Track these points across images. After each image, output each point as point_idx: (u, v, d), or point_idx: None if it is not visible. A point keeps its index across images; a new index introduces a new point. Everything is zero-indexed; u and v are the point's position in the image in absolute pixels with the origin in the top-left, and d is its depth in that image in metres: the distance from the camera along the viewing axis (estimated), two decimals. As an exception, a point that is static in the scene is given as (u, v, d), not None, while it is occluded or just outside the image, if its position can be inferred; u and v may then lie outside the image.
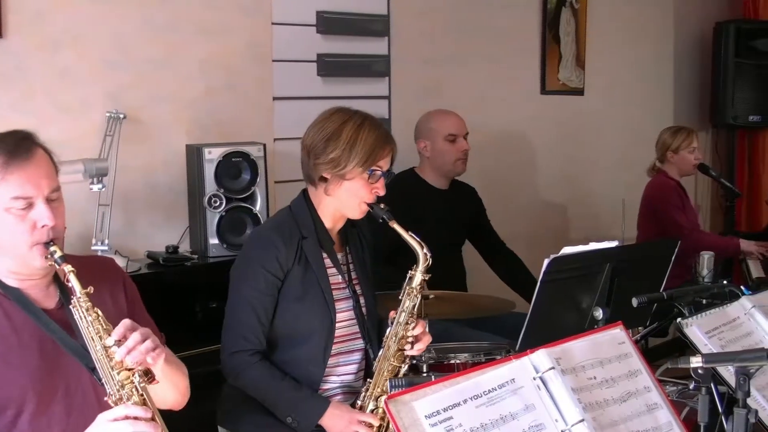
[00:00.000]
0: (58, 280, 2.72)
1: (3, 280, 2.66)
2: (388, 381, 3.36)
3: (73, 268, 2.56)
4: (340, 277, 3.51)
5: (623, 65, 7.56)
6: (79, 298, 2.54)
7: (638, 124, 7.55)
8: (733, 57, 7.90)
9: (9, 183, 2.55)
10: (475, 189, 5.42)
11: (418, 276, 3.42)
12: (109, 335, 2.51)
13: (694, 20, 8.23)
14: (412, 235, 3.41)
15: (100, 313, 2.55)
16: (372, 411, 3.37)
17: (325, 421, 3.32)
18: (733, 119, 8.00)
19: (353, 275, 3.58)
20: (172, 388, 2.78)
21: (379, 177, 3.42)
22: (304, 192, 3.55)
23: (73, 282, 2.55)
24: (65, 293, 2.68)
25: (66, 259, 2.57)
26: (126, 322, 2.55)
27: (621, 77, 7.53)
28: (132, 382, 2.52)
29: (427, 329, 3.67)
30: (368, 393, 3.40)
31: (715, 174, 7.08)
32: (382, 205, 3.45)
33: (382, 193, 3.45)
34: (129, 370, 2.52)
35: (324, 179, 3.43)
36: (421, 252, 3.41)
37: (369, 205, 3.43)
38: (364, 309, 3.56)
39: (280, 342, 3.44)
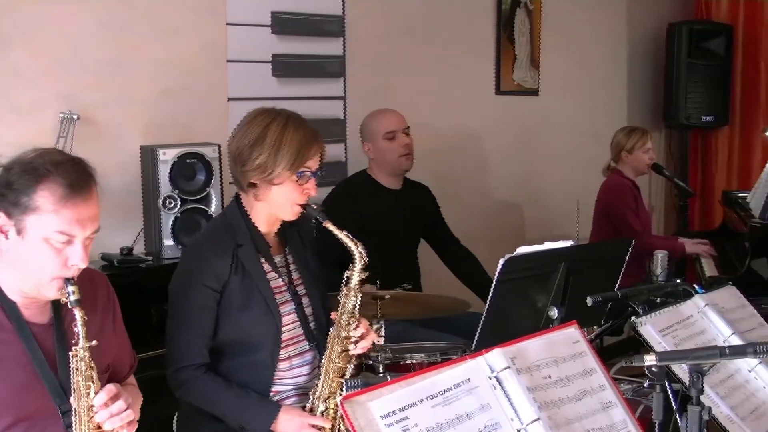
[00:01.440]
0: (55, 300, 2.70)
1: (4, 290, 2.64)
2: (336, 381, 3.34)
3: (84, 315, 2.56)
4: (280, 280, 3.47)
5: (577, 66, 7.59)
6: (81, 348, 2.56)
7: (592, 125, 7.59)
8: (685, 58, 7.96)
9: (60, 217, 2.53)
10: (429, 187, 5.41)
11: (355, 276, 3.38)
12: (97, 393, 2.55)
13: (647, 21, 8.29)
14: (347, 234, 3.38)
15: (95, 368, 2.57)
16: (322, 412, 3.34)
17: (277, 426, 3.30)
18: (686, 119, 8.06)
19: (294, 276, 3.54)
20: None
21: (309, 177, 3.37)
22: (237, 197, 3.50)
23: (80, 331, 2.55)
24: (58, 314, 2.68)
25: (80, 303, 2.57)
26: (112, 388, 2.58)
27: (575, 78, 7.57)
28: None
29: (381, 330, 3.68)
30: (317, 395, 3.37)
31: (669, 174, 7.13)
32: (314, 206, 3.41)
33: (313, 193, 3.41)
34: (100, 429, 2.55)
35: (253, 185, 3.37)
36: (357, 251, 3.37)
37: (302, 206, 3.39)
38: (308, 309, 3.52)
39: (227, 350, 3.41)
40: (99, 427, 2.56)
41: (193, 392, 3.35)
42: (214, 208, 4.63)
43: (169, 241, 4.54)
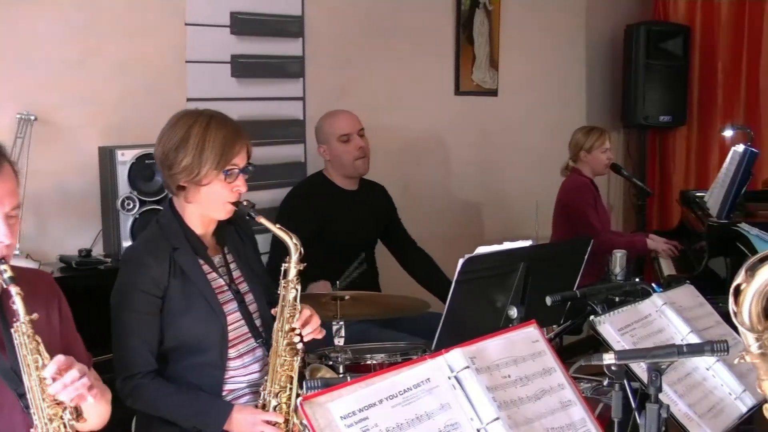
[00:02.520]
0: None
1: None
2: (285, 375, 3.33)
3: (20, 291, 2.51)
4: (221, 280, 3.46)
5: (536, 66, 7.62)
6: (23, 323, 2.50)
7: (551, 125, 7.61)
8: (643, 58, 8.01)
9: None
10: (385, 187, 5.42)
11: (292, 267, 3.36)
12: (46, 366, 2.48)
13: (606, 22, 8.33)
14: (280, 227, 3.36)
15: (40, 341, 2.52)
16: (275, 408, 3.33)
17: (230, 425, 3.29)
18: (644, 119, 8.11)
19: (235, 275, 3.53)
20: (95, 419, 2.76)
21: (237, 175, 3.36)
22: (170, 202, 3.49)
23: (19, 305, 2.51)
24: (2, 309, 2.64)
25: (15, 280, 2.53)
26: (62, 358, 2.52)
27: (534, 78, 7.59)
28: (61, 418, 2.50)
29: (341, 330, 3.68)
30: (267, 390, 3.35)
31: (627, 173, 7.18)
32: (245, 202, 3.39)
33: (243, 190, 3.39)
34: (59, 404, 2.49)
35: (182, 188, 3.37)
36: (291, 242, 3.35)
37: (233, 203, 3.39)
38: (252, 306, 3.51)
39: (175, 354, 3.40)
40: (57, 402, 2.52)
41: (142, 400, 3.34)
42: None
43: (127, 243, 4.51)
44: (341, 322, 3.91)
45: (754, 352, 2.04)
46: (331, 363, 3.81)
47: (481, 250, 3.55)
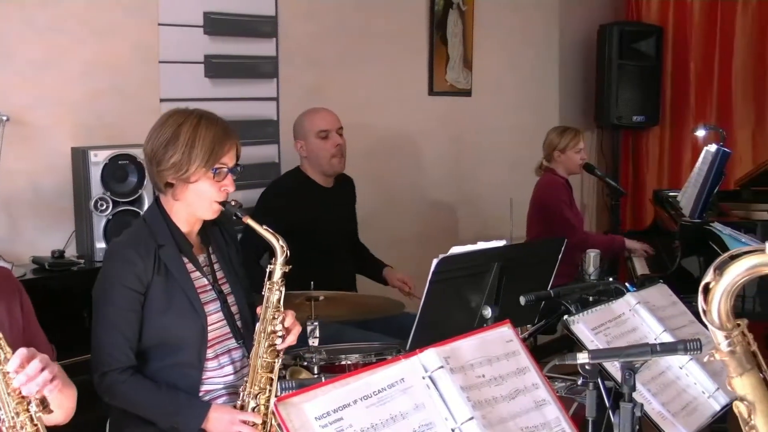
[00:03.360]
0: None
1: None
2: (265, 377, 3.32)
3: None
4: (204, 279, 3.46)
5: (510, 67, 7.64)
6: None
7: (525, 125, 7.64)
8: (616, 59, 8.06)
9: None
10: (353, 179, 5.43)
11: (277, 269, 3.36)
12: (8, 360, 2.46)
13: (579, 23, 8.37)
14: (267, 228, 3.36)
15: (1, 336, 2.49)
16: (253, 409, 3.32)
17: (208, 425, 3.28)
18: (617, 119, 8.15)
19: (219, 275, 3.54)
20: (61, 412, 2.74)
21: (226, 174, 3.37)
22: (156, 199, 3.50)
23: None
24: None
25: None
26: (24, 351, 2.50)
27: (508, 78, 7.61)
28: (27, 410, 2.48)
29: (315, 331, 3.67)
30: (246, 392, 3.34)
31: (601, 173, 7.20)
32: (233, 202, 3.40)
33: (231, 189, 3.41)
34: (24, 398, 2.47)
35: (170, 185, 3.38)
36: (278, 244, 3.35)
37: (220, 203, 3.39)
38: (234, 307, 3.52)
39: (154, 351, 3.39)
40: (23, 396, 2.49)
41: (120, 396, 3.33)
42: (146, 209, 4.59)
43: (101, 244, 4.49)
44: (315, 323, 3.90)
45: (723, 350, 2.04)
46: (305, 363, 3.80)
47: (455, 250, 3.55)
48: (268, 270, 3.39)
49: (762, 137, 8.06)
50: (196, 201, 3.39)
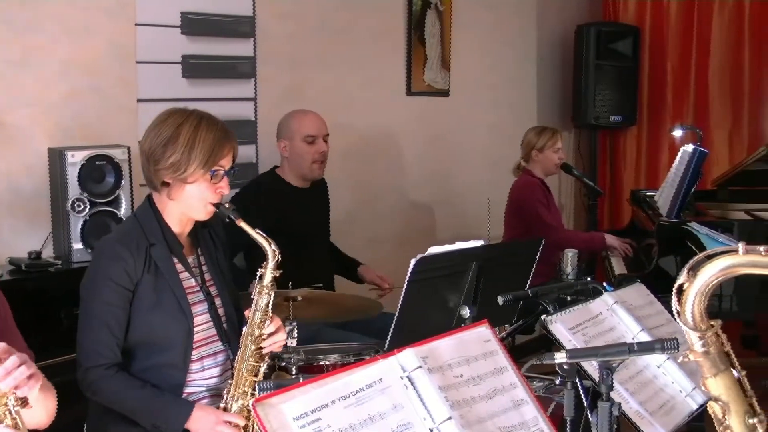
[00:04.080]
0: None
1: None
2: (249, 380, 3.33)
3: None
4: (193, 280, 3.46)
5: (488, 67, 7.65)
6: None
7: (502, 125, 7.65)
8: (594, 59, 8.07)
9: None
10: (327, 182, 5.43)
11: (268, 273, 3.36)
12: None
13: (556, 23, 8.38)
14: (259, 232, 3.36)
15: None
16: (237, 412, 3.33)
17: (191, 424, 3.27)
18: (594, 120, 8.16)
19: (207, 277, 3.54)
20: (42, 412, 2.73)
21: (222, 176, 3.38)
22: (149, 197, 3.48)
23: None
24: None
25: None
26: (2, 345, 2.48)
27: (485, 79, 7.62)
28: (6, 405, 2.46)
29: (293, 331, 3.67)
30: (230, 394, 3.35)
31: (578, 173, 7.21)
32: (227, 205, 3.40)
33: (226, 192, 3.42)
34: (2, 395, 2.46)
35: (166, 184, 3.37)
36: (270, 249, 3.36)
37: (214, 205, 3.39)
38: (220, 310, 3.52)
39: (138, 350, 3.38)
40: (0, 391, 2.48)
41: (103, 392, 3.31)
42: (123, 210, 4.58)
43: (78, 245, 4.48)
44: (294, 323, 3.90)
45: (697, 351, 2.05)
46: (284, 364, 3.80)
47: (433, 250, 3.55)
48: (258, 273, 3.39)
49: (738, 137, 8.09)
50: (190, 201, 3.39)
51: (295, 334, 3.89)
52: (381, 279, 5.19)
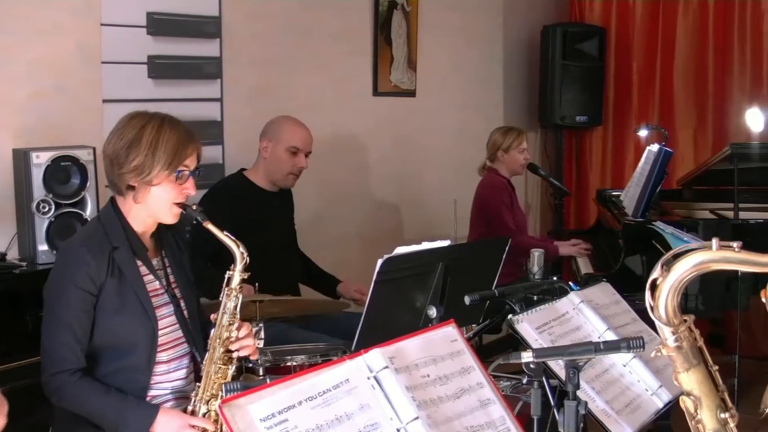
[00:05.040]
0: None
1: None
2: (217, 383, 3.31)
3: None
4: (157, 283, 3.44)
5: (454, 67, 7.66)
6: None
7: (469, 125, 7.66)
8: (560, 59, 8.11)
9: None
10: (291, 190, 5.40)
11: (236, 276, 3.37)
12: None
13: (522, 24, 8.41)
14: (227, 234, 3.36)
15: None
16: (204, 415, 3.31)
17: (156, 428, 3.25)
18: (560, 120, 8.20)
19: (171, 279, 3.52)
20: None
21: (188, 177, 3.37)
22: (112, 200, 3.46)
23: None
24: None
25: None
26: None
27: (452, 79, 7.63)
28: None
29: (260, 332, 3.66)
30: (198, 397, 3.34)
31: (545, 173, 7.24)
32: (194, 206, 3.40)
33: (193, 192, 3.41)
34: None
35: (131, 187, 3.35)
36: (238, 251, 3.36)
37: (182, 207, 3.39)
38: (186, 312, 3.50)
39: (103, 354, 3.35)
40: None
41: (68, 397, 3.29)
42: (89, 212, 4.55)
43: (43, 246, 4.45)
44: (261, 324, 3.90)
45: (670, 346, 2.06)
46: (251, 365, 3.79)
47: (400, 250, 3.56)
48: (226, 276, 3.39)
49: (703, 137, 8.14)
50: (157, 204, 3.38)
51: (263, 335, 3.88)
52: (360, 293, 5.15)
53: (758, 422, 2.87)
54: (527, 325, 3.31)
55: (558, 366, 3.04)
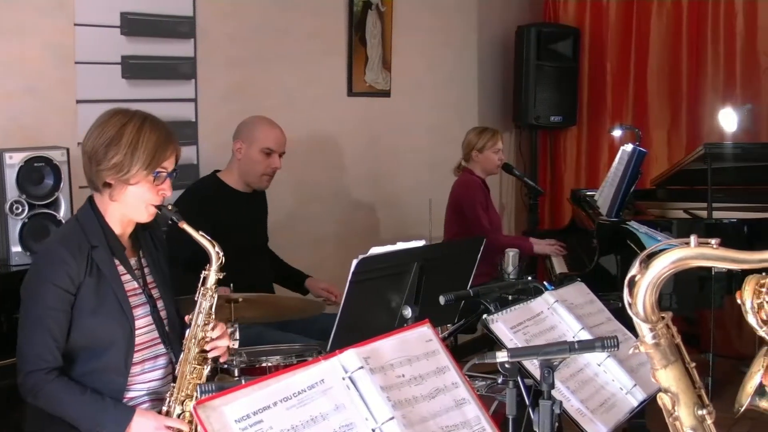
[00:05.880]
0: None
1: None
2: (192, 384, 3.31)
3: None
4: (135, 283, 3.43)
5: (429, 67, 7.67)
6: None
7: (444, 126, 7.67)
8: (534, 60, 8.13)
9: None
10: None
11: (212, 275, 3.36)
12: None
13: (497, 24, 8.43)
14: (203, 234, 3.36)
15: None
16: (179, 415, 3.29)
17: (132, 430, 3.23)
18: (535, 120, 8.23)
19: (149, 279, 3.51)
20: None
21: (165, 178, 3.36)
22: (90, 199, 3.44)
23: None
24: None
25: None
26: None
27: (426, 79, 7.64)
28: None
29: (235, 333, 3.66)
30: (173, 398, 3.32)
31: (519, 173, 7.26)
32: (170, 207, 3.39)
33: (169, 194, 3.39)
34: None
35: (108, 185, 3.34)
36: (213, 251, 3.35)
37: (157, 207, 3.37)
38: (162, 313, 3.49)
39: (79, 354, 3.34)
40: None
41: (44, 397, 3.26)
42: (63, 213, 4.52)
43: (16, 248, 4.42)
44: (236, 325, 3.89)
45: (648, 343, 2.07)
46: (226, 366, 3.79)
47: (375, 250, 3.56)
48: (202, 276, 3.39)
49: (677, 137, 8.18)
50: (133, 203, 3.36)
51: (237, 336, 3.87)
52: (327, 292, 5.15)
53: (732, 421, 2.89)
54: (502, 324, 3.31)
55: (533, 365, 3.04)
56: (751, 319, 2.32)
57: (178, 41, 5.64)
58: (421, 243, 3.75)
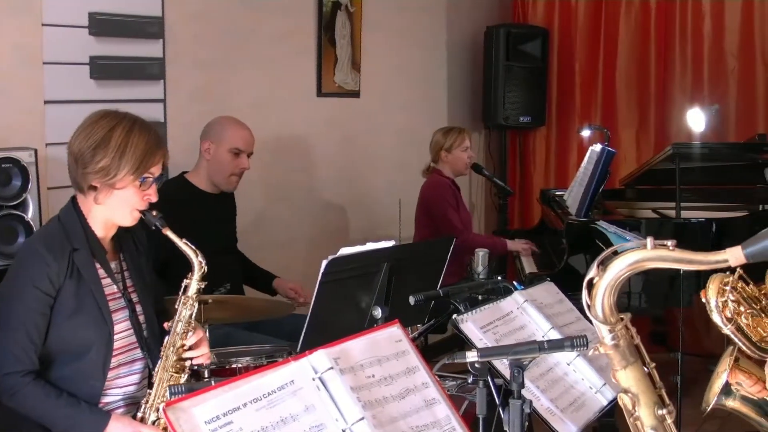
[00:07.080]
0: None
1: None
2: (167, 389, 3.30)
3: None
4: (115, 287, 3.41)
5: (398, 68, 7.67)
6: None
7: (413, 126, 7.68)
8: (503, 60, 8.14)
9: None
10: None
11: (193, 284, 3.36)
12: None
13: (466, 24, 8.44)
14: (186, 242, 3.35)
15: None
16: (154, 422, 3.28)
17: None
18: (504, 120, 8.24)
19: (129, 283, 3.48)
20: None
21: (151, 183, 3.35)
22: (73, 200, 3.42)
23: None
24: None
25: None
26: None
27: (396, 80, 7.64)
28: None
29: (206, 334, 3.65)
30: (149, 404, 3.31)
31: (488, 173, 7.28)
32: (154, 212, 3.37)
33: (154, 199, 3.38)
34: None
35: (93, 188, 3.31)
36: (196, 260, 3.35)
37: (141, 212, 3.36)
38: (141, 317, 3.47)
39: (56, 358, 3.31)
40: None
41: (20, 399, 3.24)
42: (31, 214, 4.49)
43: (-16, 249, 4.40)
44: (205, 326, 3.88)
45: (607, 344, 2.09)
46: (195, 368, 3.77)
47: (345, 251, 3.56)
48: (183, 284, 3.38)
49: (645, 137, 8.22)
50: (117, 207, 3.34)
51: (207, 336, 3.86)
52: (295, 293, 5.15)
53: (701, 418, 2.91)
54: (472, 324, 3.32)
55: (503, 365, 3.05)
56: (716, 317, 2.34)
57: (146, 42, 5.62)
58: (390, 243, 3.75)
